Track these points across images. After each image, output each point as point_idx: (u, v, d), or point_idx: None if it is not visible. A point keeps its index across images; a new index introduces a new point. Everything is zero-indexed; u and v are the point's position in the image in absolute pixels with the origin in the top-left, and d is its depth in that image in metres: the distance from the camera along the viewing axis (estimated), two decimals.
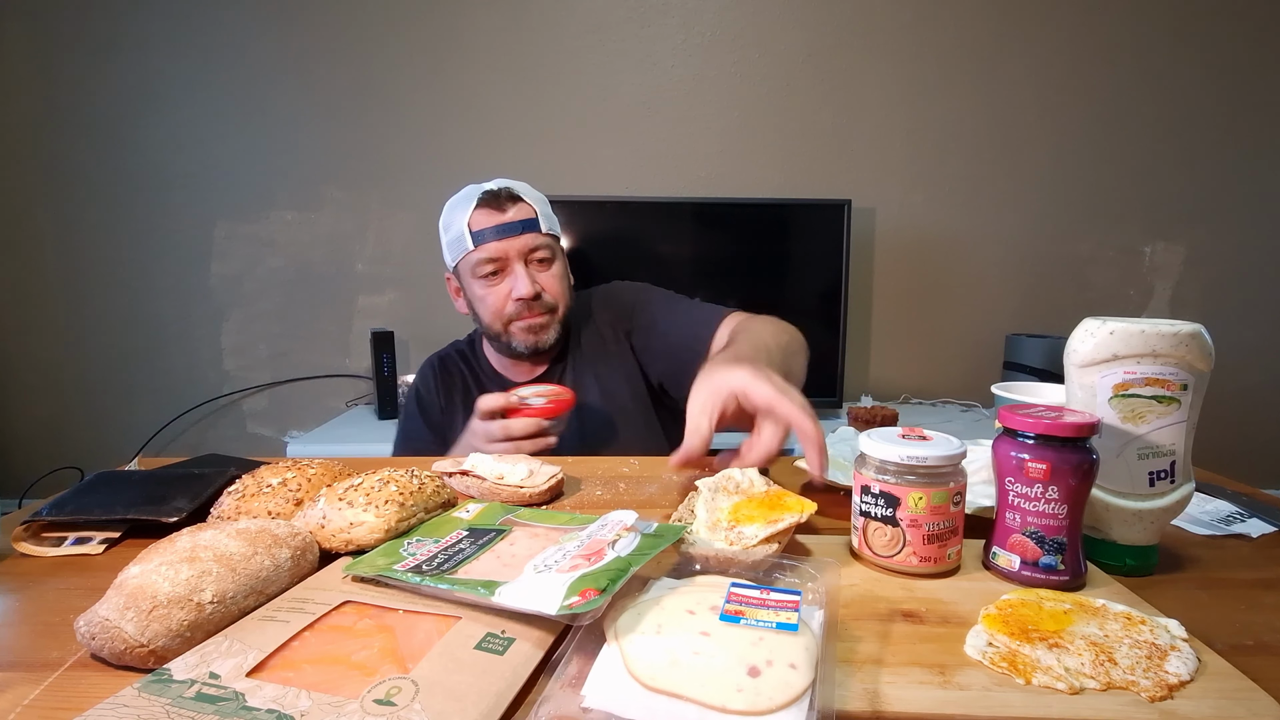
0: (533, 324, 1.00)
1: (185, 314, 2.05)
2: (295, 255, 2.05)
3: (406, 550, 0.47)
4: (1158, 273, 2.08)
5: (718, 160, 2.03)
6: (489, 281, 0.99)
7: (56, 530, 0.56)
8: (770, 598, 0.39)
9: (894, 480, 0.48)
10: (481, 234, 0.97)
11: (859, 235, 2.01)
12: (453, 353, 1.15)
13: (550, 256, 1.02)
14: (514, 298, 0.98)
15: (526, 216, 0.99)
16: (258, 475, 0.59)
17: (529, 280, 0.98)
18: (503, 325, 1.01)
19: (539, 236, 1.00)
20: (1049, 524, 0.46)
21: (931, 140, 2.02)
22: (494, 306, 1.00)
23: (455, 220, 1.01)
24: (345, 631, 0.39)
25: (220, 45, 1.95)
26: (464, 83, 1.98)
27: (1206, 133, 2.01)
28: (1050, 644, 0.38)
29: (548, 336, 1.02)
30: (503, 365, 1.11)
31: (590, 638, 0.37)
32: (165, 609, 0.37)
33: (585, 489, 0.71)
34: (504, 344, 1.03)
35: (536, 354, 1.04)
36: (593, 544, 0.45)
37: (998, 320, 2.07)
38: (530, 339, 1.01)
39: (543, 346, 1.02)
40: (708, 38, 1.99)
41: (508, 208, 0.98)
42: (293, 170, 2.01)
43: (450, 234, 1.02)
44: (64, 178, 1.99)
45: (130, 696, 0.32)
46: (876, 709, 0.34)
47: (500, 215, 0.98)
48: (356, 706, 0.32)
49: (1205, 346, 0.48)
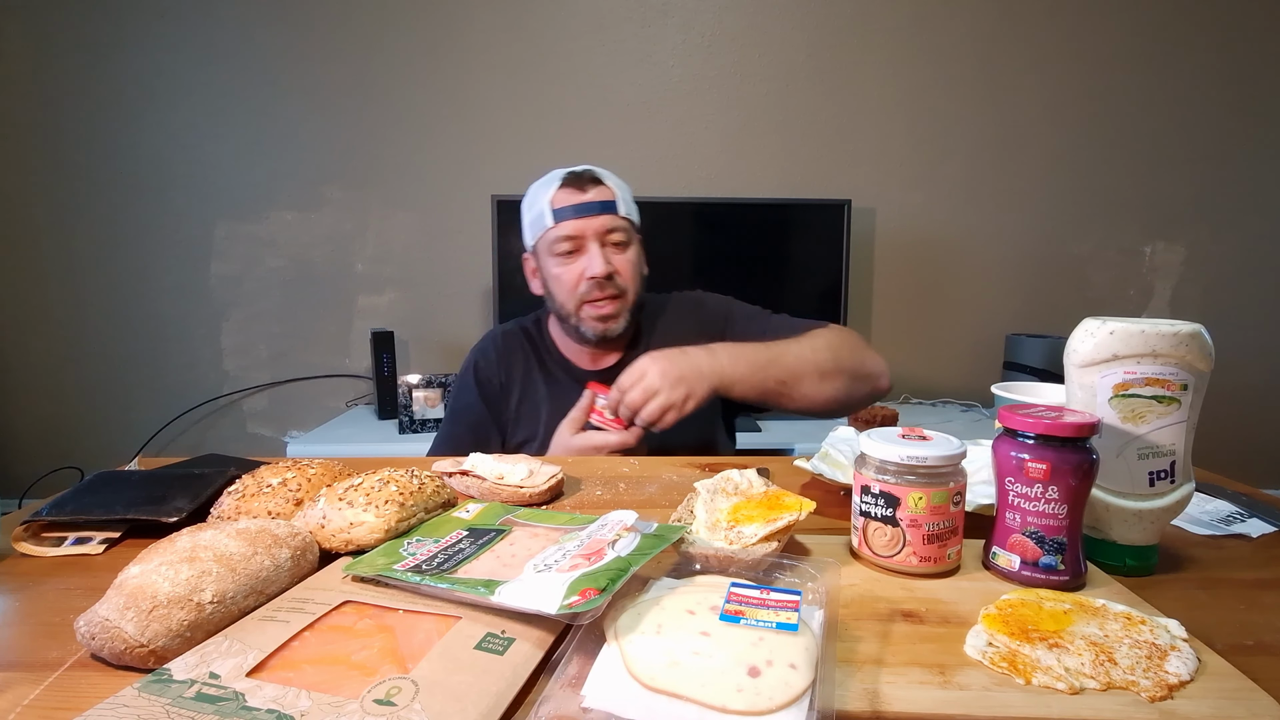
0: (603, 312, 1.00)
1: (185, 314, 2.05)
2: (295, 255, 2.05)
3: (406, 550, 0.47)
4: (1158, 273, 2.08)
5: (718, 160, 2.03)
6: (565, 259, 1.00)
7: (56, 530, 0.56)
8: (770, 598, 0.39)
9: (894, 480, 0.48)
10: (561, 211, 0.99)
11: (859, 235, 2.01)
12: (517, 329, 1.13)
13: (626, 240, 1.02)
14: (587, 276, 0.98)
15: (606, 198, 1.00)
16: (258, 475, 0.59)
17: (603, 260, 0.98)
18: (575, 306, 1.01)
19: (616, 218, 1.00)
20: (1049, 524, 0.46)
21: (931, 140, 2.02)
22: (568, 284, 1.00)
23: (538, 199, 1.02)
24: (345, 631, 0.39)
25: (220, 45, 1.95)
26: (464, 83, 1.98)
27: (1206, 133, 2.01)
28: (1050, 644, 0.38)
29: (616, 325, 1.02)
30: (569, 350, 1.09)
31: (590, 638, 0.37)
32: (165, 609, 0.37)
33: (585, 489, 0.71)
34: (573, 327, 1.03)
35: (604, 341, 1.04)
36: (593, 544, 0.45)
37: (998, 320, 2.08)
38: (599, 326, 1.01)
39: (610, 334, 1.02)
40: (708, 38, 1.99)
41: (589, 188, 1.00)
42: (293, 170, 2.01)
43: (532, 212, 1.03)
44: (64, 177, 1.99)
45: (130, 696, 0.32)
46: (876, 709, 0.34)
47: (581, 195, 0.99)
48: (356, 706, 0.32)
49: (1205, 346, 0.48)
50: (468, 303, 2.07)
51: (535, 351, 1.10)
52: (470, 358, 1.11)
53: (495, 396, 1.07)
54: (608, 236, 1.00)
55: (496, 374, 1.08)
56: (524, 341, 1.11)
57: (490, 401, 1.07)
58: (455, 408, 1.10)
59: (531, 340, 1.11)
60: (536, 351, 1.10)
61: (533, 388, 1.07)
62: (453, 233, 2.03)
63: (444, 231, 2.04)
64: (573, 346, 1.08)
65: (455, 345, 2.09)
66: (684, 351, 0.89)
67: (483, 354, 1.10)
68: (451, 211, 2.02)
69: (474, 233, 2.00)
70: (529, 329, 1.13)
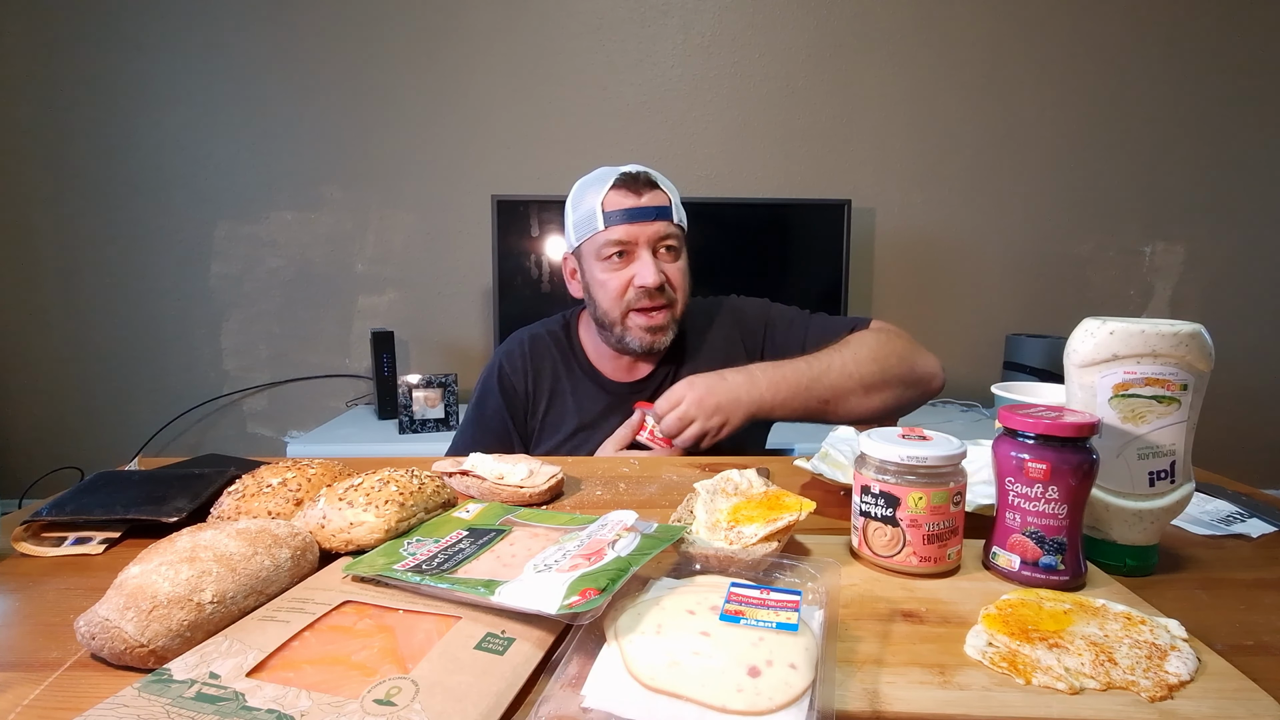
0: (653, 324, 0.95)
1: (185, 314, 2.05)
2: (295, 255, 2.05)
3: (406, 550, 0.47)
4: (1158, 273, 2.08)
5: (718, 160, 2.03)
6: (613, 264, 0.94)
7: (56, 530, 0.56)
8: (770, 598, 0.39)
9: (894, 480, 0.48)
10: (614, 215, 0.93)
11: (859, 235, 2.01)
12: (544, 333, 1.06)
13: (678, 248, 0.97)
14: (637, 284, 0.93)
15: (661, 204, 0.94)
16: (258, 475, 0.59)
17: (655, 268, 0.92)
18: (620, 314, 0.95)
19: (670, 225, 0.95)
20: (1049, 524, 0.46)
21: (931, 140, 2.02)
22: (615, 292, 0.94)
23: (587, 198, 0.95)
24: (345, 631, 0.39)
25: (220, 45, 1.95)
26: (464, 83, 1.98)
27: (1206, 133, 2.01)
28: (1050, 644, 0.38)
29: (665, 338, 0.96)
30: (599, 357, 1.03)
31: (590, 638, 0.37)
32: (165, 609, 0.37)
33: (585, 489, 0.71)
34: (617, 337, 0.97)
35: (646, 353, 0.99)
36: (593, 544, 0.45)
37: (998, 320, 2.08)
38: (647, 339, 0.95)
39: (659, 347, 0.97)
40: (708, 38, 1.99)
41: (644, 192, 0.94)
42: (293, 170, 2.01)
43: (580, 212, 0.96)
44: (64, 178, 1.99)
45: (130, 696, 0.32)
46: (876, 709, 0.34)
47: (636, 199, 0.93)
48: (356, 706, 0.32)
49: (1205, 346, 0.48)
50: (468, 303, 2.07)
51: (564, 358, 1.04)
52: (495, 362, 1.05)
53: (520, 405, 1.02)
54: (660, 244, 0.94)
55: (523, 381, 1.02)
56: (552, 347, 1.05)
57: (515, 410, 1.02)
58: (478, 414, 1.03)
59: (560, 347, 1.05)
60: (565, 359, 1.04)
61: (561, 398, 1.01)
62: (453, 233, 2.03)
63: (444, 231, 2.04)
64: (606, 355, 1.03)
65: (455, 345, 2.09)
66: (722, 377, 0.87)
67: (509, 358, 1.04)
68: (451, 211, 2.02)
69: (474, 233, 2.00)
70: (558, 334, 1.06)
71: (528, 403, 1.02)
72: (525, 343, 1.05)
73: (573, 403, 1.01)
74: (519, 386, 1.02)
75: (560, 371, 1.03)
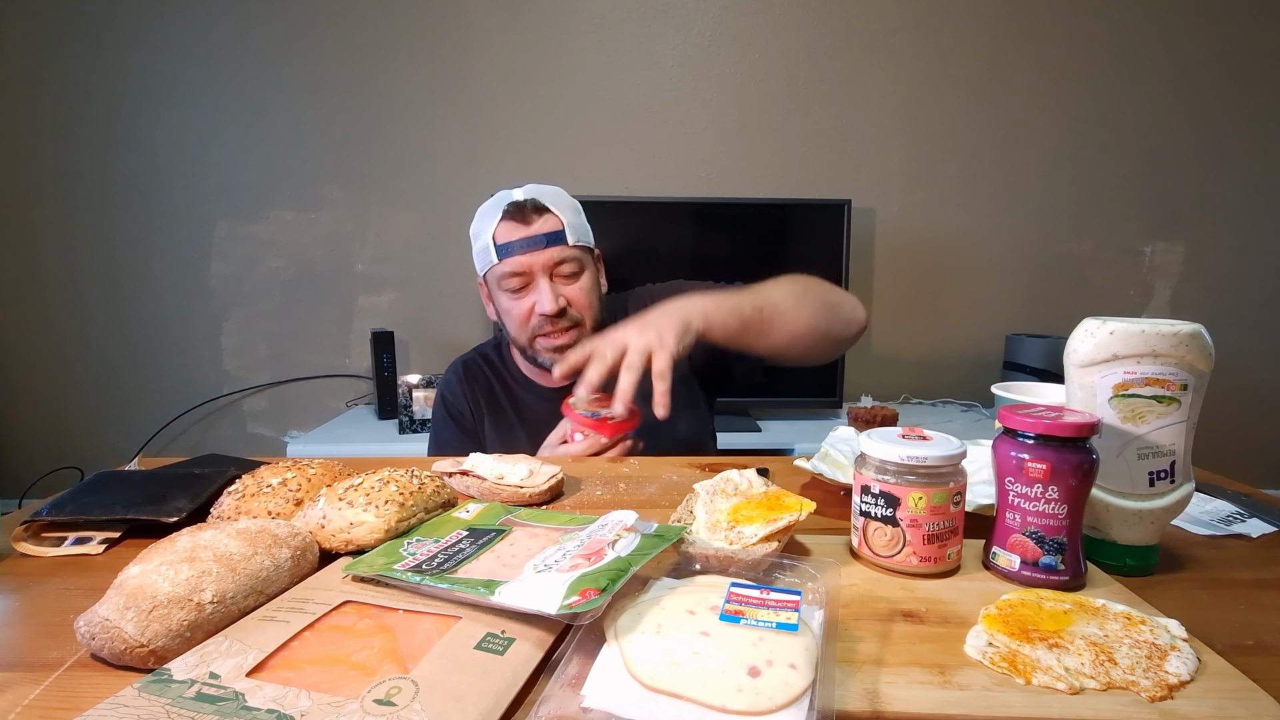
0: (558, 344, 0.97)
1: (185, 314, 2.05)
2: (295, 255, 2.04)
3: (406, 550, 0.47)
4: (1158, 273, 2.08)
5: (718, 160, 2.03)
6: (514, 296, 0.97)
7: (56, 530, 0.56)
8: (770, 598, 0.39)
9: (894, 480, 0.48)
10: (507, 247, 0.95)
11: (859, 235, 2.01)
12: (476, 357, 1.12)
13: (578, 270, 0.98)
14: (537, 312, 0.95)
15: (552, 229, 0.95)
16: (258, 475, 0.59)
17: (552, 296, 0.94)
18: (528, 339, 0.99)
19: (565, 249, 0.96)
20: (1049, 524, 0.46)
21: (931, 140, 2.02)
22: (519, 319, 0.98)
23: (483, 230, 0.98)
24: (345, 631, 0.39)
25: (220, 45, 1.95)
26: (464, 83, 1.98)
27: (1207, 133, 2.01)
28: (1050, 644, 0.38)
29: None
30: (532, 371, 1.08)
31: (590, 638, 0.37)
32: (165, 609, 0.37)
33: (585, 489, 0.71)
34: (531, 358, 1.02)
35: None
36: (593, 544, 0.45)
37: (998, 320, 2.07)
38: (556, 357, 0.97)
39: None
40: (708, 38, 1.99)
41: (533, 220, 0.95)
42: (293, 170, 2.01)
43: (478, 244, 0.99)
44: (63, 177, 1.99)
45: (130, 696, 0.32)
46: (876, 709, 0.34)
47: (525, 228, 0.95)
48: (356, 706, 0.32)
49: (1205, 346, 0.48)
50: (468, 303, 2.07)
51: (498, 376, 1.09)
52: (438, 394, 1.11)
53: (470, 427, 1.06)
54: (557, 270, 0.96)
55: (465, 404, 1.07)
56: (483, 369, 1.10)
57: (467, 431, 1.06)
58: (439, 442, 1.09)
59: (492, 365, 1.10)
60: (499, 376, 1.09)
61: (502, 413, 1.06)
62: (453, 233, 2.03)
63: (444, 231, 2.04)
64: (534, 368, 1.07)
65: (455, 345, 2.08)
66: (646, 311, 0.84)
67: (448, 387, 1.09)
68: (451, 211, 2.02)
69: None
70: (489, 354, 1.12)
71: (475, 422, 1.07)
72: (459, 369, 1.11)
73: (515, 416, 1.05)
74: (464, 410, 1.07)
75: (496, 390, 1.08)
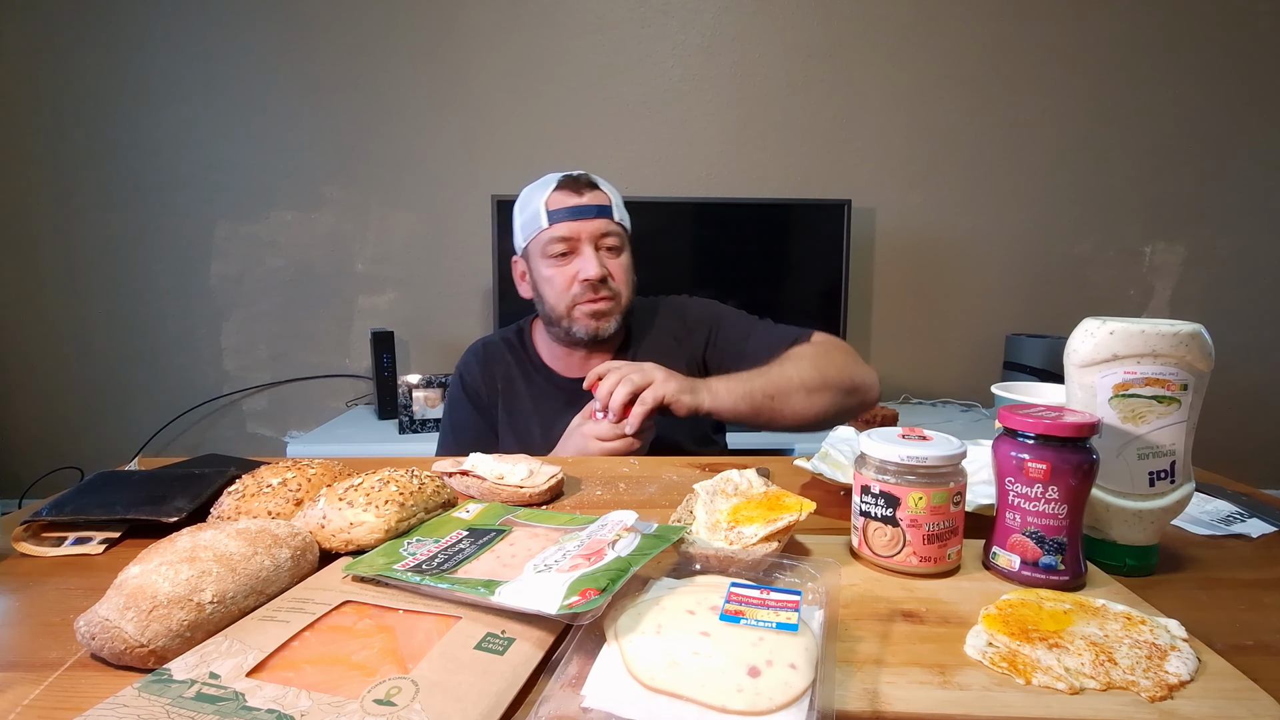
0: (596, 309, 1.00)
1: (185, 314, 2.05)
2: (295, 255, 2.05)
3: (406, 550, 0.47)
4: (1158, 273, 2.08)
5: (718, 160, 2.03)
6: (558, 262, 1.00)
7: (56, 530, 0.56)
8: (770, 598, 0.39)
9: (894, 480, 0.48)
10: (557, 213, 0.99)
11: (859, 235, 2.01)
12: (498, 340, 1.14)
13: (620, 245, 1.03)
14: (581, 278, 0.98)
15: (602, 202, 1.01)
16: (258, 475, 0.59)
17: (597, 262, 0.98)
18: (566, 308, 1.01)
19: (611, 223, 1.01)
20: (1049, 524, 0.46)
21: (931, 140, 2.02)
22: (560, 286, 1.00)
23: (532, 200, 1.02)
24: (345, 631, 0.39)
25: (220, 45, 1.95)
26: (464, 83, 1.98)
27: (1206, 133, 2.01)
28: (1050, 644, 0.38)
29: (609, 325, 1.02)
30: (553, 357, 1.09)
31: (590, 638, 0.37)
32: (165, 609, 0.37)
33: (585, 489, 0.71)
34: (564, 329, 1.03)
35: (594, 343, 1.04)
36: (593, 544, 0.45)
37: (998, 320, 2.07)
38: (592, 325, 1.01)
39: (603, 335, 1.02)
40: (708, 38, 1.99)
41: (585, 192, 1.00)
42: (293, 170, 2.01)
43: (525, 214, 1.03)
44: (64, 177, 1.99)
45: (130, 696, 0.32)
46: (876, 709, 0.34)
47: (577, 198, 1.00)
48: (356, 706, 0.32)
49: (1205, 346, 0.48)
50: (468, 303, 2.07)
51: (518, 362, 1.10)
52: (456, 373, 1.12)
53: (486, 406, 1.08)
54: (602, 240, 1.01)
55: (482, 384, 1.08)
56: (504, 352, 1.11)
57: (483, 411, 1.07)
58: (452, 422, 1.10)
59: (513, 350, 1.11)
60: (519, 362, 1.10)
61: (518, 398, 1.07)
62: (453, 233, 2.03)
63: (444, 231, 2.04)
64: (558, 353, 1.08)
65: (455, 345, 2.08)
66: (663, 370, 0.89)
67: (466, 367, 1.11)
68: (451, 211, 2.02)
69: (474, 233, 2.00)
70: (510, 339, 1.13)
71: (490, 403, 1.08)
72: (479, 350, 1.12)
73: (530, 402, 1.06)
74: (480, 389, 1.08)
75: (514, 373, 1.09)
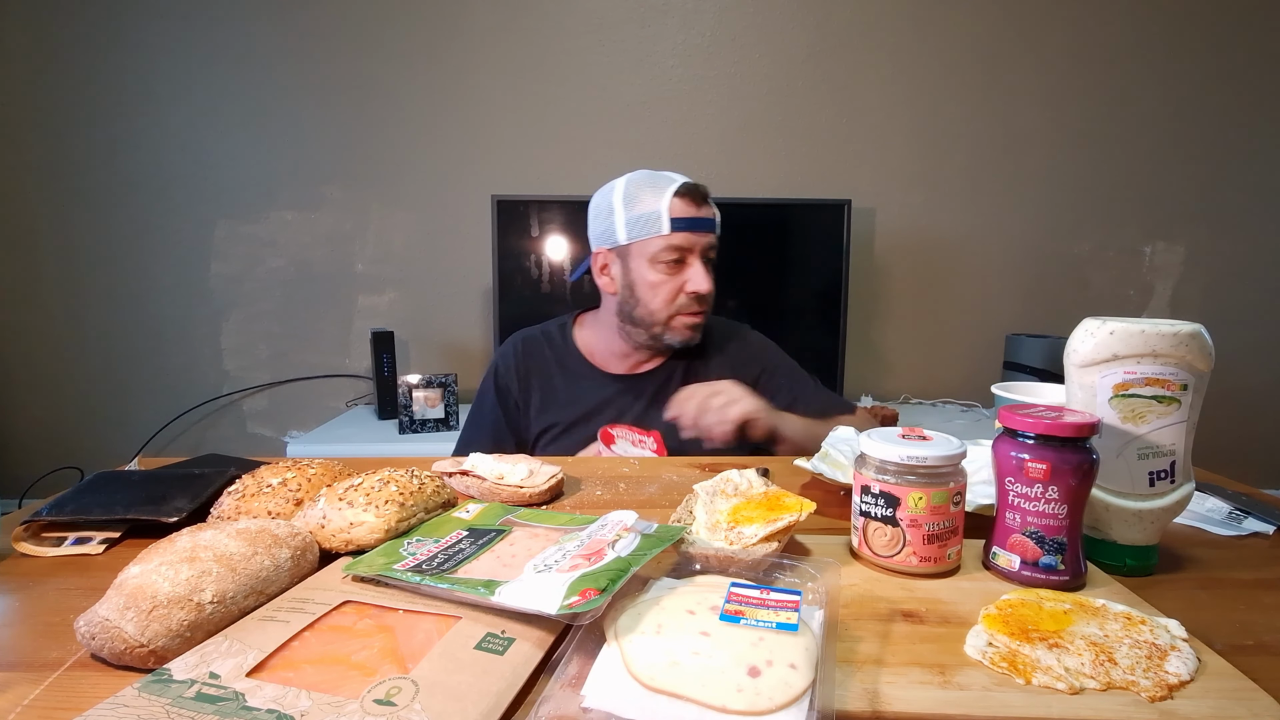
0: (696, 321, 1.02)
1: (185, 314, 2.05)
2: (295, 255, 2.04)
3: (406, 550, 0.47)
4: (1158, 273, 2.08)
5: (718, 160, 2.03)
6: (669, 269, 1.00)
7: (56, 530, 0.56)
8: (770, 598, 0.39)
9: (894, 480, 0.48)
10: (679, 222, 0.99)
11: (859, 235, 2.01)
12: (539, 334, 1.13)
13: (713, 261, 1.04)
14: (690, 289, 1.00)
15: (714, 217, 1.03)
16: (258, 475, 0.59)
17: (708, 277, 1.00)
18: (668, 316, 1.02)
19: (715, 239, 1.03)
20: (1049, 524, 0.46)
21: (931, 140, 2.02)
22: (666, 295, 1.01)
23: (645, 200, 1.00)
24: (345, 631, 0.39)
25: (220, 45, 1.95)
26: (464, 83, 1.98)
27: (1206, 133, 2.01)
28: (1050, 644, 0.38)
29: (699, 336, 1.04)
30: (604, 353, 1.09)
31: (590, 638, 0.37)
32: (165, 609, 0.37)
33: (585, 489, 0.71)
34: (654, 334, 1.03)
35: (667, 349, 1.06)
36: (593, 544, 0.45)
37: (998, 320, 2.07)
38: (689, 335, 1.03)
39: (692, 344, 1.05)
40: (708, 38, 1.99)
41: (703, 204, 1.01)
42: (293, 170, 2.01)
43: (635, 211, 1.00)
44: (64, 177, 1.99)
45: (130, 696, 0.32)
46: (876, 709, 0.34)
47: (697, 210, 1.00)
48: (356, 706, 0.32)
49: (1205, 346, 0.48)
50: (468, 303, 2.07)
51: (558, 357, 1.10)
52: (492, 363, 1.13)
53: (513, 403, 1.08)
54: (706, 253, 1.02)
55: (515, 380, 1.08)
56: (544, 347, 1.11)
57: (508, 408, 1.08)
58: (476, 413, 1.11)
59: (554, 345, 1.11)
60: (559, 358, 1.10)
61: (553, 394, 1.07)
62: (453, 233, 2.03)
63: (444, 231, 2.04)
64: (615, 350, 1.08)
65: (455, 345, 2.09)
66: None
67: (503, 359, 1.11)
68: (451, 211, 2.02)
69: (474, 233, 2.00)
70: (552, 333, 1.13)
71: (522, 398, 1.08)
72: (519, 343, 1.12)
73: (565, 396, 1.07)
74: (511, 386, 1.09)
75: (552, 369, 1.09)
